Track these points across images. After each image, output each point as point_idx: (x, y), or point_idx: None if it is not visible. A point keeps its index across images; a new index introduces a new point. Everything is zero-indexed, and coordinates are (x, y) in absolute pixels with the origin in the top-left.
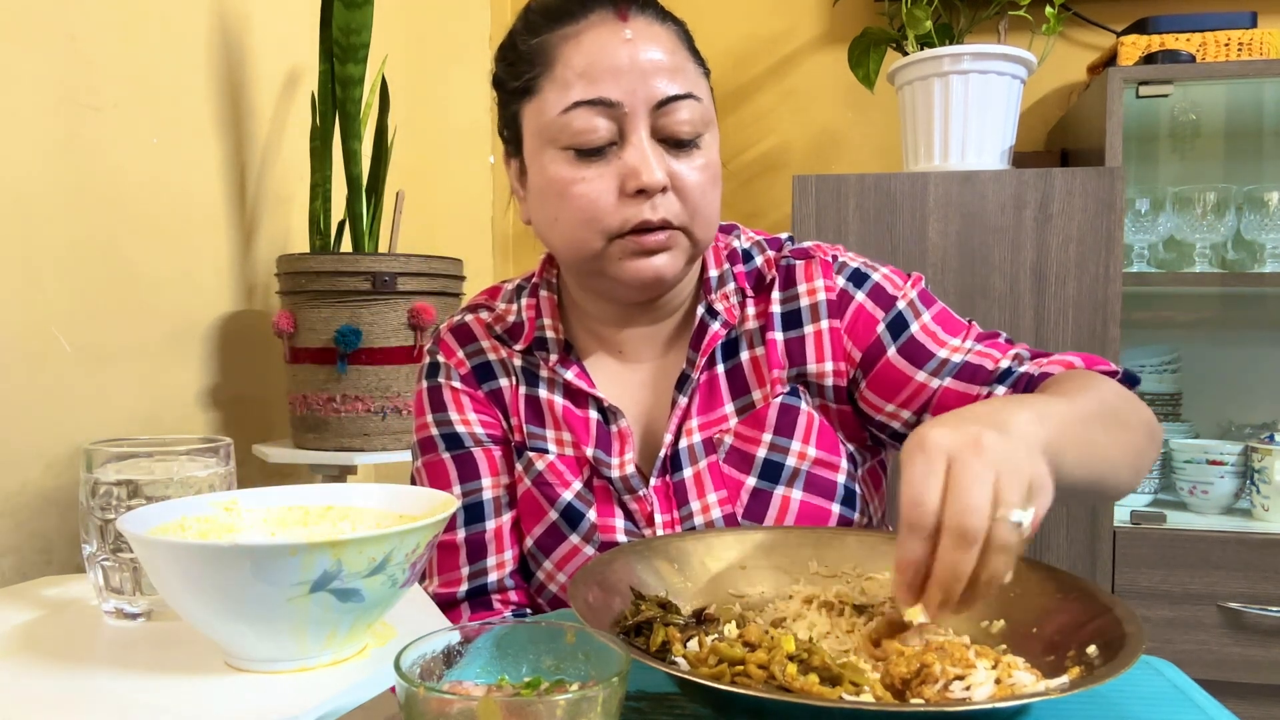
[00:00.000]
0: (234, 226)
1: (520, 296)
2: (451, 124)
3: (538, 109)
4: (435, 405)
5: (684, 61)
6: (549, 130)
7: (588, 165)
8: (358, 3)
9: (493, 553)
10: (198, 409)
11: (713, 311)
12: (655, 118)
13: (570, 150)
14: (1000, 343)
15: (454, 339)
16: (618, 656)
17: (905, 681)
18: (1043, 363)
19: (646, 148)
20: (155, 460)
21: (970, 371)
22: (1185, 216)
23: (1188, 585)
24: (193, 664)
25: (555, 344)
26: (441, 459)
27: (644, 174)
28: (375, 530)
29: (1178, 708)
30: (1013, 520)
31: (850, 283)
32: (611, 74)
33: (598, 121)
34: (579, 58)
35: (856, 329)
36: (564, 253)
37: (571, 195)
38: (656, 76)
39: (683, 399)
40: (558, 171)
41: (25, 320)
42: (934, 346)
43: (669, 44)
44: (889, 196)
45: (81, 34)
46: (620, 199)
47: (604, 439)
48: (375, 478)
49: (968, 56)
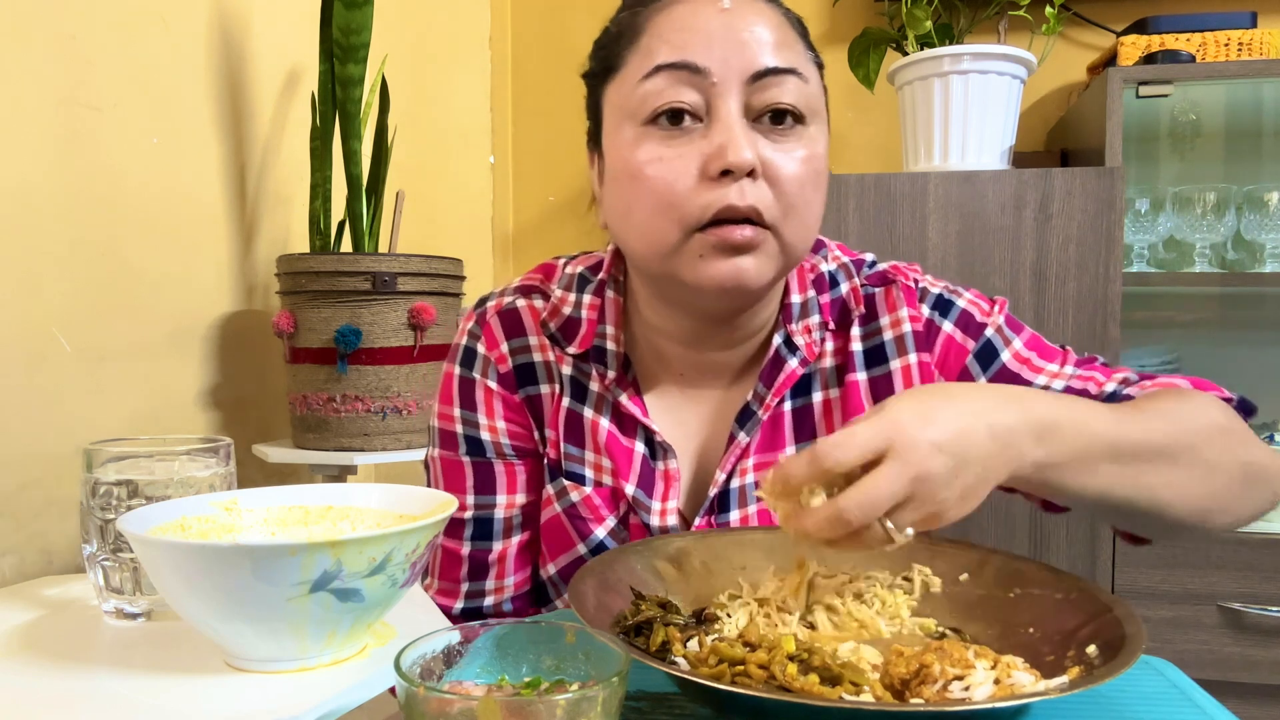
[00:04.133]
0: (234, 226)
1: (583, 290)
2: (451, 124)
3: (619, 84)
4: (465, 400)
5: (791, 39)
6: (628, 103)
7: (667, 143)
8: (358, 3)
9: (493, 576)
10: (198, 409)
11: (791, 344)
12: (749, 93)
13: (648, 125)
14: (1100, 367)
15: (500, 326)
16: (618, 656)
17: (905, 682)
18: (1148, 386)
19: (736, 123)
20: (155, 460)
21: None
22: (1185, 216)
23: (1188, 585)
24: (193, 664)
25: (614, 358)
26: (460, 461)
27: (730, 151)
28: (375, 530)
29: (1178, 708)
30: (889, 533)
31: (936, 311)
32: (702, 39)
33: (681, 89)
34: (668, 25)
35: (947, 362)
36: (638, 250)
37: (646, 177)
38: (755, 46)
39: (743, 436)
40: (633, 151)
41: (25, 320)
42: (1030, 374)
43: (774, 20)
44: (889, 196)
45: (81, 34)
46: (702, 181)
47: (647, 477)
48: (375, 478)
49: (968, 56)
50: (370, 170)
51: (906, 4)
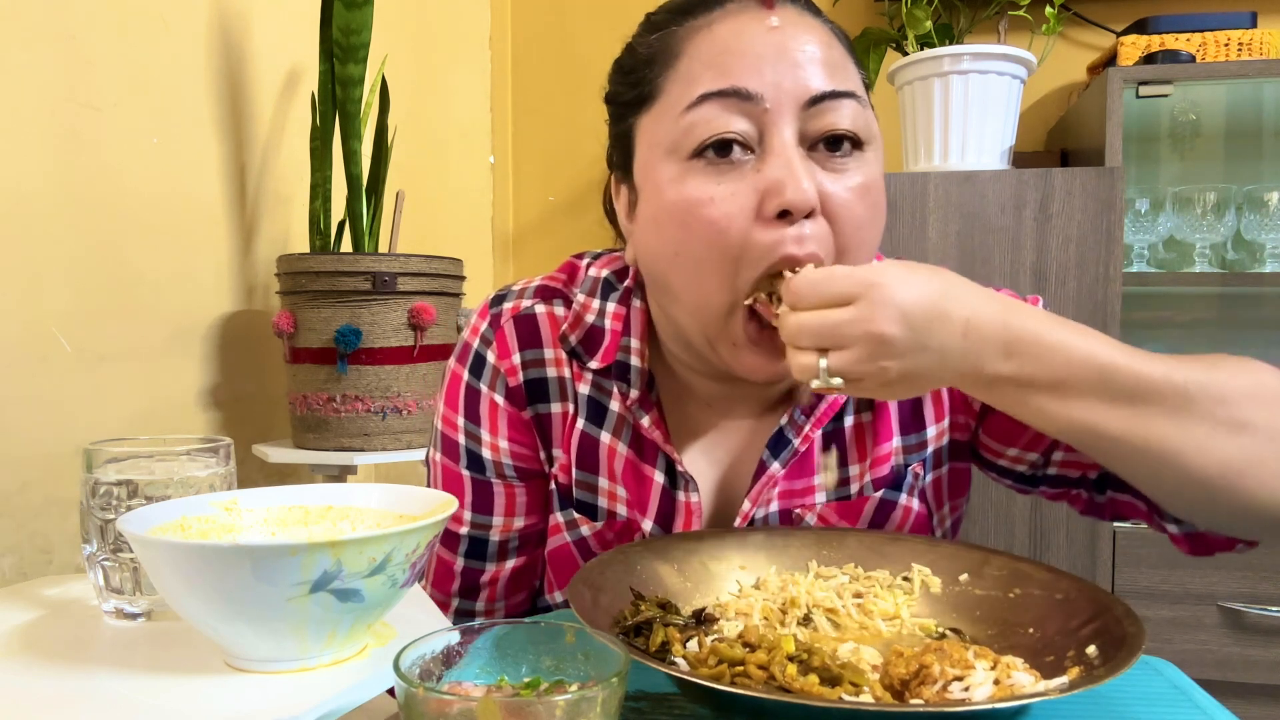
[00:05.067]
0: (234, 226)
1: (608, 296)
2: (451, 124)
3: (657, 115)
4: (469, 412)
5: (843, 58)
6: (669, 136)
7: (717, 180)
8: (358, 3)
9: (483, 599)
10: (198, 409)
11: None
12: (805, 119)
13: (695, 159)
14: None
15: (515, 334)
16: (617, 656)
17: (904, 682)
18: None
19: (793, 155)
20: (155, 460)
21: None
22: (1185, 216)
23: (1188, 585)
24: (193, 664)
25: (639, 375)
26: (460, 473)
27: (789, 188)
28: (375, 530)
29: (1178, 708)
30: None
31: None
32: (751, 61)
33: (731, 118)
34: (710, 47)
35: None
36: (681, 315)
37: (696, 221)
38: (808, 68)
39: (775, 466)
40: (679, 190)
41: (25, 321)
42: None
43: (824, 37)
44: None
45: (81, 34)
46: (758, 222)
47: (666, 510)
48: (375, 478)
49: (968, 56)
50: (370, 170)
51: (906, 4)
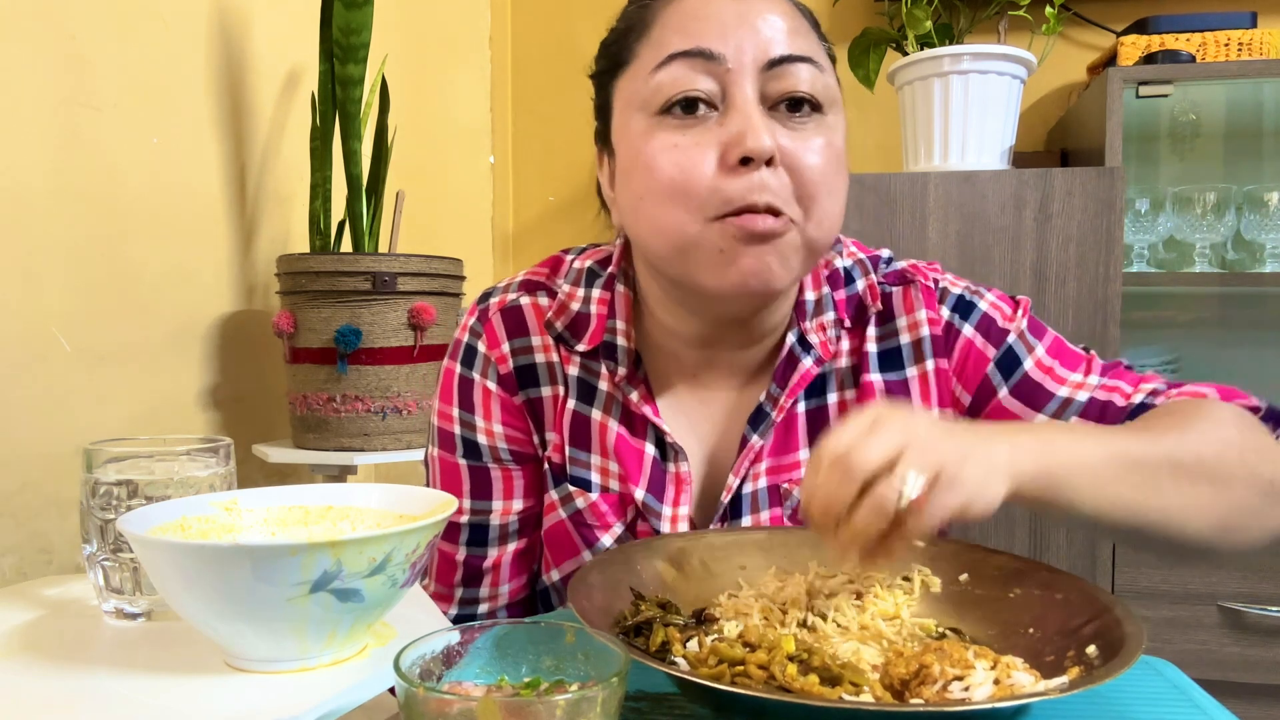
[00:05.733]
0: (234, 226)
1: (592, 284)
2: (451, 124)
3: (630, 77)
4: (463, 401)
5: (804, 28)
6: (640, 94)
7: (683, 131)
8: (358, 3)
9: (487, 584)
10: (198, 409)
11: (805, 343)
12: (765, 80)
13: (662, 115)
14: (1124, 372)
15: (503, 325)
16: (618, 656)
17: (904, 682)
18: (1172, 394)
19: (754, 110)
20: (155, 460)
21: (1099, 409)
22: (1185, 216)
23: (1188, 585)
24: (193, 664)
25: (625, 354)
26: (457, 463)
27: (750, 138)
28: (375, 530)
29: (1178, 708)
30: (896, 482)
31: (956, 314)
32: (716, 26)
33: (696, 77)
34: (679, 15)
35: (965, 369)
36: (651, 243)
37: (661, 166)
38: (769, 33)
39: (756, 439)
40: (646, 141)
41: (25, 320)
42: (1053, 385)
43: (785, 8)
44: (889, 196)
45: (81, 34)
46: (720, 171)
47: (657, 481)
48: (375, 478)
49: (968, 56)
50: (370, 170)
51: (906, 4)
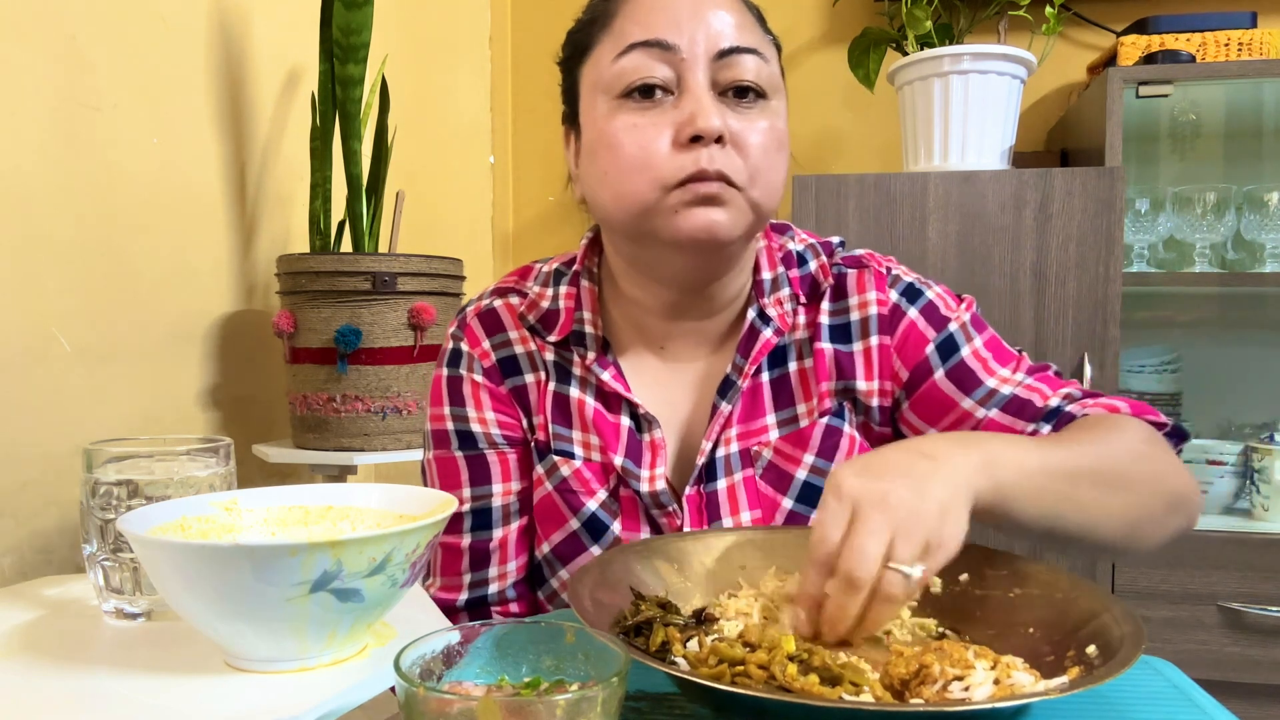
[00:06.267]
0: (234, 226)
1: (559, 282)
2: (451, 124)
3: (593, 63)
4: (454, 398)
5: (750, 22)
6: (602, 80)
7: (642, 113)
8: (358, 3)
9: (495, 563)
10: (198, 409)
11: (764, 316)
12: (715, 69)
13: (623, 99)
14: (1050, 377)
15: (480, 326)
16: (618, 656)
17: (904, 682)
18: (1089, 404)
19: (705, 94)
20: (155, 460)
21: (1018, 406)
22: (1185, 216)
23: (1188, 585)
24: (193, 664)
25: (594, 340)
26: (454, 456)
27: (700, 119)
28: (375, 530)
29: (1178, 708)
30: (901, 573)
31: (903, 298)
32: (671, 20)
33: (653, 65)
34: (638, 8)
35: (906, 347)
36: (613, 210)
37: (622, 144)
38: (719, 27)
39: (725, 405)
40: (609, 121)
41: (25, 320)
42: (983, 374)
43: (734, 4)
44: (889, 196)
45: (81, 34)
46: (675, 148)
47: (634, 448)
48: (375, 478)
49: (968, 56)
50: (370, 170)
51: (906, 4)
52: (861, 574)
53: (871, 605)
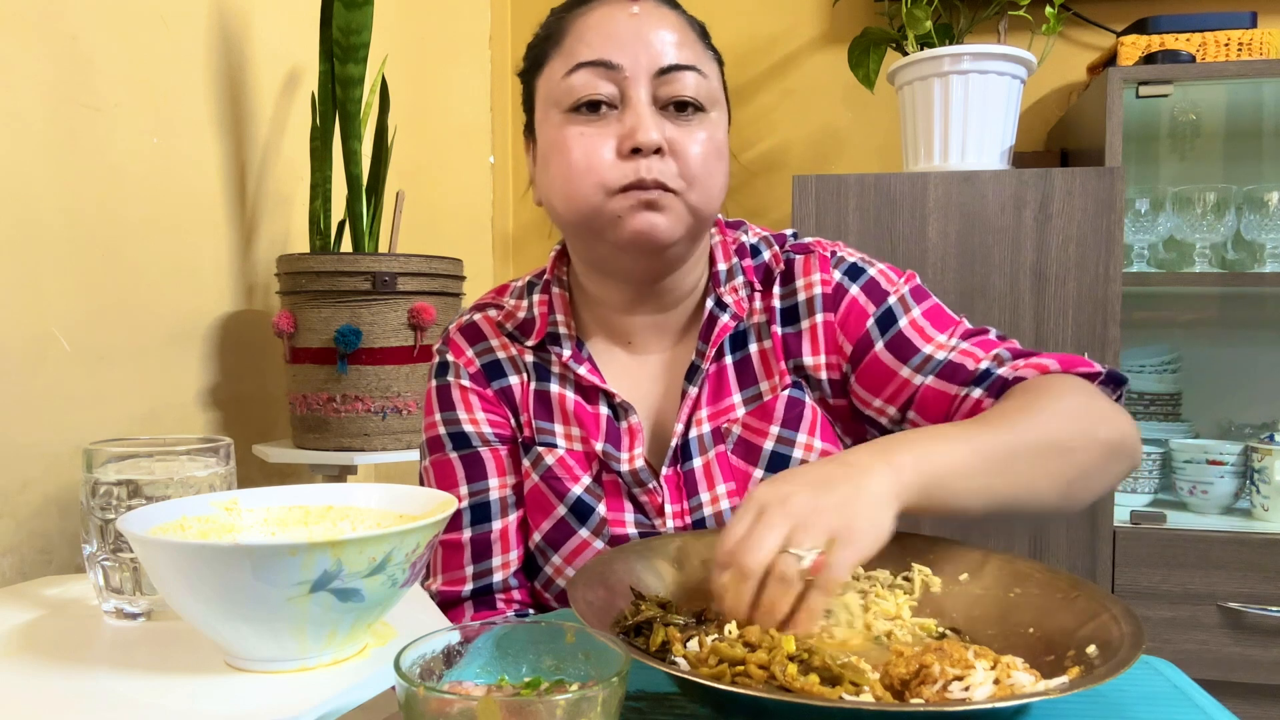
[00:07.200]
0: (234, 226)
1: (531, 293)
2: (451, 124)
3: (547, 79)
4: (444, 404)
5: (691, 40)
6: (554, 94)
7: (588, 124)
8: (358, 3)
9: (498, 553)
10: (198, 409)
11: (721, 304)
12: (656, 85)
13: (572, 113)
14: (988, 339)
15: (463, 338)
16: (618, 656)
17: (904, 682)
18: (1019, 365)
19: (645, 110)
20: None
21: (950, 370)
22: (1185, 216)
23: (1188, 585)
24: (193, 664)
25: (568, 339)
26: (449, 458)
27: (640, 132)
28: (375, 530)
29: (1178, 708)
30: (795, 555)
31: (846, 276)
32: (615, 41)
33: (599, 82)
34: (586, 28)
35: (848, 322)
36: (564, 212)
37: (570, 151)
38: (660, 46)
39: (692, 389)
40: (560, 132)
41: (25, 320)
42: (920, 342)
43: (676, 23)
44: (889, 196)
45: (81, 34)
46: (618, 158)
47: (614, 434)
48: (375, 478)
49: (968, 56)
50: (370, 170)
51: (906, 4)
52: (748, 562)
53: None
